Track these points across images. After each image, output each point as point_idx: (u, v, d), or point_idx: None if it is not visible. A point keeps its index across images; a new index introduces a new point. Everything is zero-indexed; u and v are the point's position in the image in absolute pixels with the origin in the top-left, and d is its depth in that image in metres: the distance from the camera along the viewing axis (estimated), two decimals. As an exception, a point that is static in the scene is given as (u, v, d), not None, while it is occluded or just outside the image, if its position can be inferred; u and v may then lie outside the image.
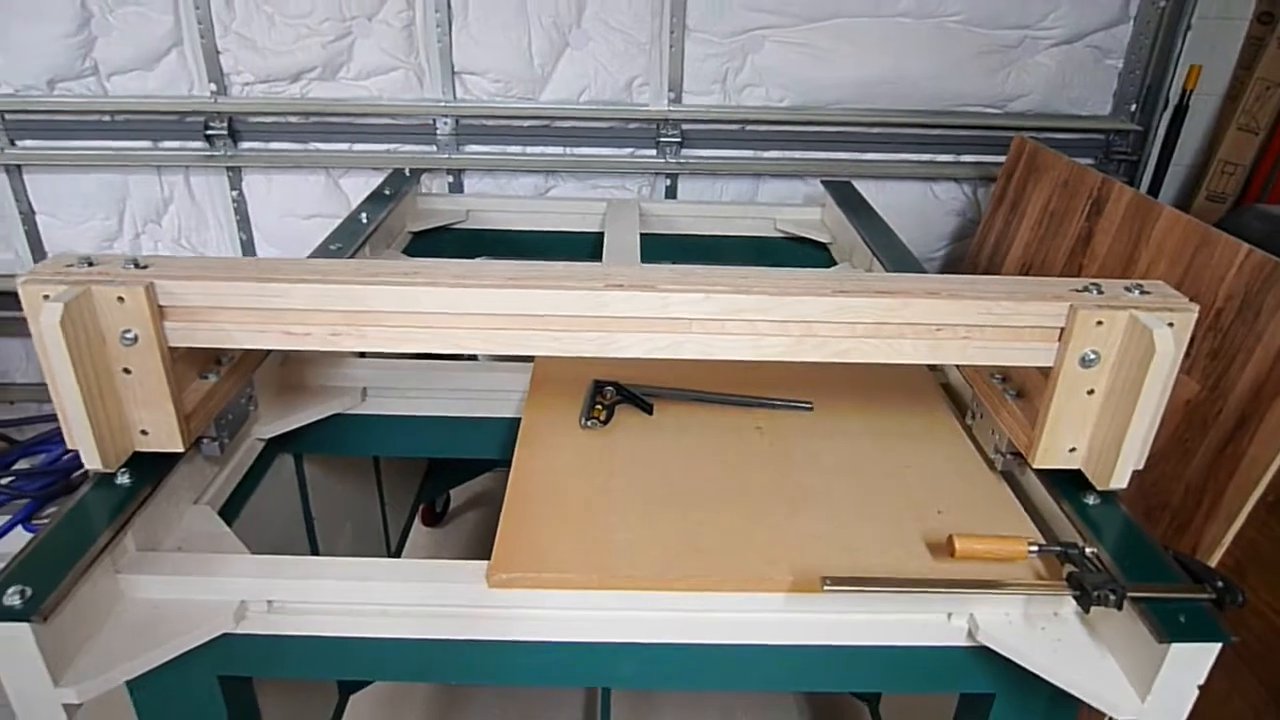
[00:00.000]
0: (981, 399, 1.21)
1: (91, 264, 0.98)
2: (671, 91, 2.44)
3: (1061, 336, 1.02)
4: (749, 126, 2.52)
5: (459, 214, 2.14)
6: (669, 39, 2.37)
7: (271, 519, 1.33)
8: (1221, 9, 2.48)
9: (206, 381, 1.11)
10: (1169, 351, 0.94)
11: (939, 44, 2.42)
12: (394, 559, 1.84)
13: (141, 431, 1.03)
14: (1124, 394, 0.99)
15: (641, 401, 1.28)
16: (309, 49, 2.35)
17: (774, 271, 1.08)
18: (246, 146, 2.49)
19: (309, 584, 0.96)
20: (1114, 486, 1.03)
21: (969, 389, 1.26)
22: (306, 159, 2.51)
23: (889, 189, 2.59)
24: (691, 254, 2.17)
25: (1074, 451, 1.06)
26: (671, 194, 2.59)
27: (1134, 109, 2.54)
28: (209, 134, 2.43)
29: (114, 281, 0.96)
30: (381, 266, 1.06)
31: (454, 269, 1.05)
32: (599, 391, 1.28)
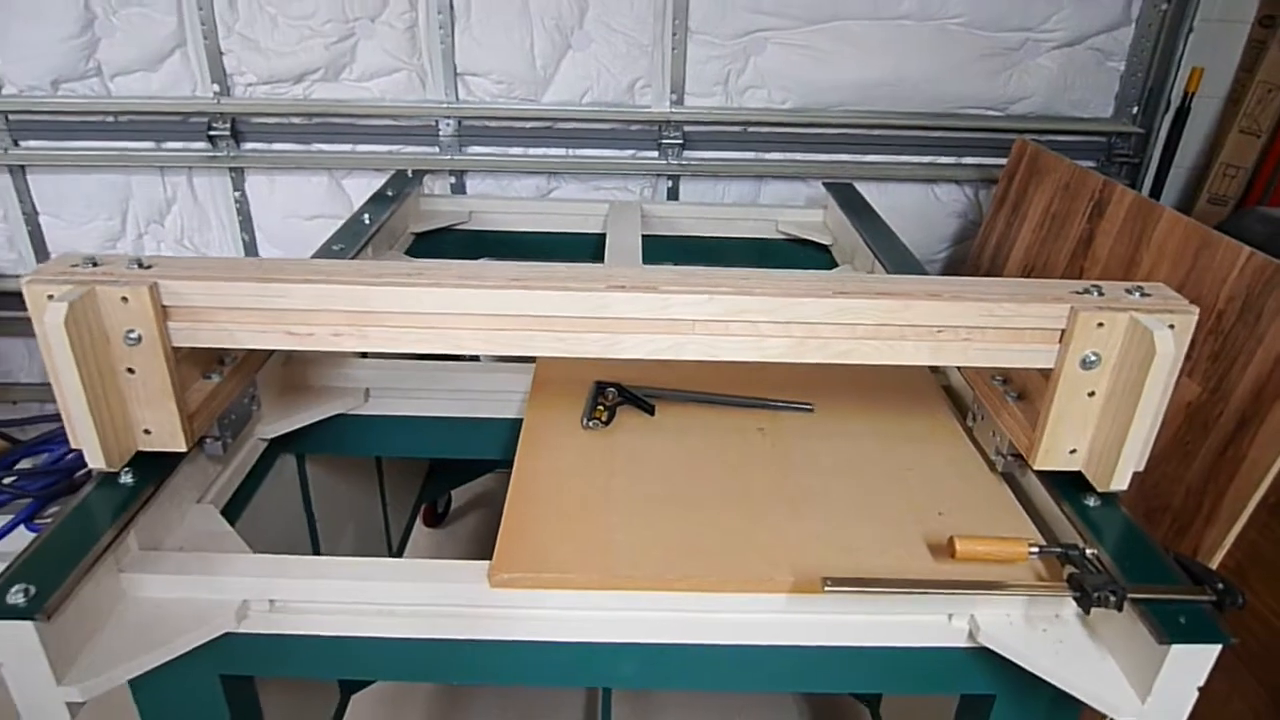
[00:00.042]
0: (982, 400, 1.21)
1: (96, 264, 0.99)
2: (674, 93, 2.44)
3: (1062, 338, 1.02)
4: (751, 128, 2.52)
5: (461, 215, 2.14)
6: (671, 41, 2.37)
7: (274, 519, 1.33)
8: (1223, 12, 2.47)
9: (209, 381, 1.11)
10: (1170, 353, 0.94)
11: (940, 46, 2.42)
12: (396, 559, 1.84)
13: (145, 431, 1.03)
14: (1125, 396, 0.99)
15: (643, 402, 1.28)
16: (312, 50, 2.35)
17: (776, 273, 1.08)
18: (249, 147, 2.49)
19: (311, 583, 0.96)
20: (1115, 488, 1.04)
21: (970, 391, 1.26)
22: (309, 160, 2.52)
23: (891, 191, 2.59)
24: (693, 255, 2.18)
25: (1075, 453, 1.07)
26: (673, 196, 2.59)
27: (1136, 111, 2.54)
28: (212, 135, 2.43)
29: (118, 281, 0.96)
30: (384, 267, 1.06)
31: (456, 270, 1.05)
32: (601, 392, 1.28)
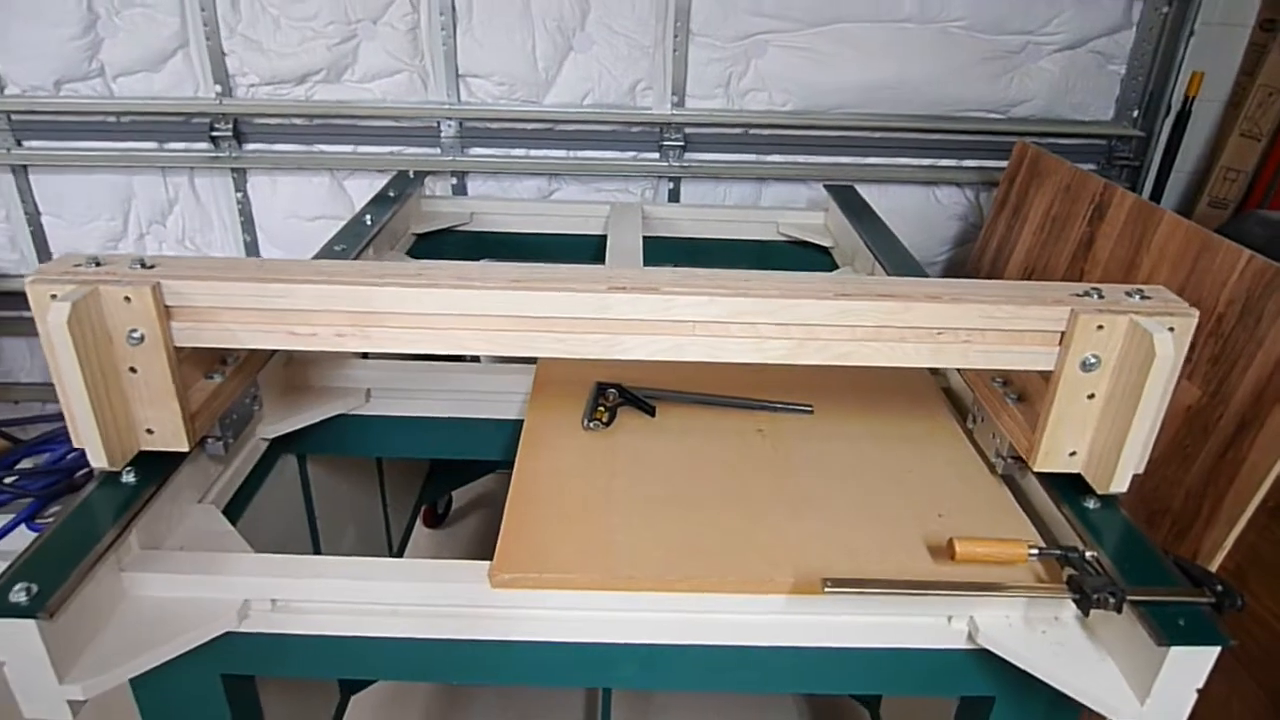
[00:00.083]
0: (982, 402, 1.21)
1: (99, 264, 0.99)
2: (675, 95, 2.45)
3: (1062, 341, 1.02)
4: (752, 130, 2.52)
5: (463, 216, 2.15)
6: (672, 43, 2.38)
7: (275, 519, 1.33)
8: (1224, 15, 2.48)
9: (212, 381, 1.11)
10: (1169, 356, 0.94)
11: (942, 49, 2.42)
12: (397, 559, 1.84)
13: (147, 430, 1.04)
14: (1124, 398, 0.99)
15: (644, 403, 1.28)
16: (314, 51, 2.35)
17: (776, 275, 1.09)
18: (251, 148, 2.50)
19: (312, 583, 0.96)
20: (1114, 490, 1.04)
21: (970, 393, 1.26)
22: (311, 161, 2.52)
23: (891, 193, 2.60)
24: (694, 257, 2.18)
25: (1074, 455, 1.07)
26: (674, 197, 2.60)
27: (1136, 115, 2.55)
28: (214, 135, 2.44)
29: (121, 281, 0.96)
30: (386, 268, 1.06)
31: (458, 271, 1.05)
32: (601, 393, 1.28)
